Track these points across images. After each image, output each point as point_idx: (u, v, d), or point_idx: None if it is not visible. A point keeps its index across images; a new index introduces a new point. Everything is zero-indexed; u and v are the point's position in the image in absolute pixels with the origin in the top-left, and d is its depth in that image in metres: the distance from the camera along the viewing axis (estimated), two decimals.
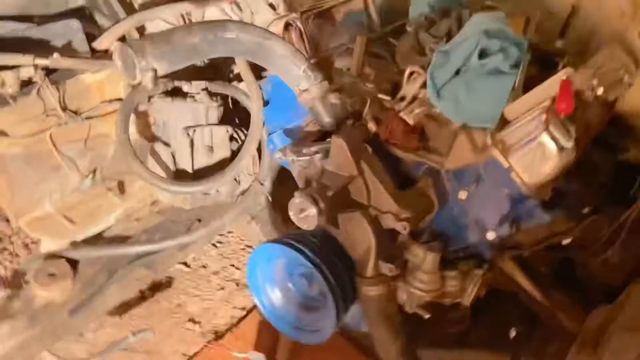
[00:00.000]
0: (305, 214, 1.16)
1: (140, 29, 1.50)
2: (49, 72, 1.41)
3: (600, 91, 1.22)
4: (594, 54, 1.43)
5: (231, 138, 1.56)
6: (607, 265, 1.49)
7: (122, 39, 1.34)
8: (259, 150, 1.56)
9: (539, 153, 1.15)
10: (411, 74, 1.30)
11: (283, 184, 1.69)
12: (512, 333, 1.44)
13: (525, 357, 1.36)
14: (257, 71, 1.53)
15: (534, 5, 1.64)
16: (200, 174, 1.48)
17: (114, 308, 2.33)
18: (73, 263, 1.44)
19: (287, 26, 1.37)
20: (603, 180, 1.44)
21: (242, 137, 1.55)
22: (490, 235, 1.26)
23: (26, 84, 1.34)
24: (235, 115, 1.60)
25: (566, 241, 1.27)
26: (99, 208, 1.52)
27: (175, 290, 2.46)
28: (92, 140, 1.48)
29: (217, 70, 1.70)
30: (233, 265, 2.51)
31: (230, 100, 1.62)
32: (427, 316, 1.33)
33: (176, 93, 1.51)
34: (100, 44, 1.34)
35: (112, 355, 2.06)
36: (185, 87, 1.46)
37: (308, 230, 1.33)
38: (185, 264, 2.59)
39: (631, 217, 1.40)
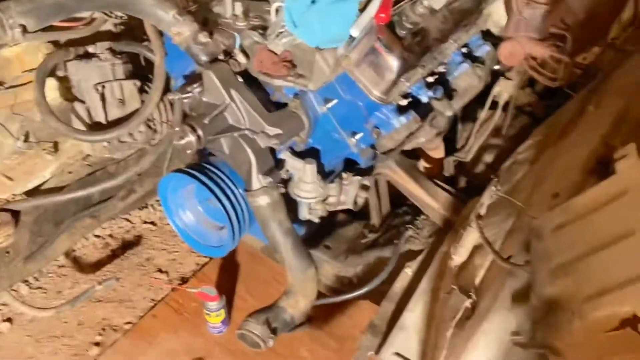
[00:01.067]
0: (185, 140, 1.35)
1: None
2: None
3: None
4: None
5: (142, 90, 1.75)
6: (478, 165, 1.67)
7: None
8: None
9: (377, 62, 1.32)
10: (277, 9, 1.46)
11: None
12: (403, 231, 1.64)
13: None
14: None
15: None
16: (116, 126, 1.67)
17: (88, 266, 2.57)
18: (15, 214, 1.66)
19: None
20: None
21: None
22: (354, 143, 1.44)
23: None
24: (148, 70, 1.78)
25: (421, 140, 1.44)
26: (35, 166, 1.73)
27: (144, 247, 2.69)
28: (18, 106, 1.68)
29: (132, 31, 1.88)
30: None
31: (142, 57, 1.81)
32: (316, 221, 1.53)
33: (87, 55, 1.70)
34: None
35: (85, 305, 2.31)
36: (91, 48, 1.65)
37: (206, 160, 1.53)
38: (152, 223, 2.81)
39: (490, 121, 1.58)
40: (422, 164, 1.87)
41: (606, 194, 0.93)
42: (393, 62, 1.31)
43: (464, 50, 1.68)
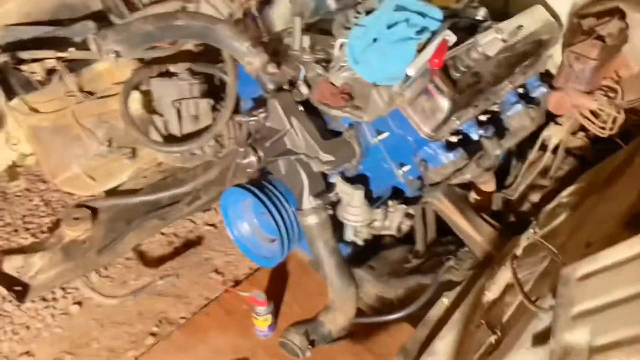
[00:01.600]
0: (247, 160, 1.49)
1: None
2: (70, 62, 1.83)
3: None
4: None
5: (214, 108, 1.91)
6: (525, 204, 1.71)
7: None
8: None
9: (429, 102, 1.40)
10: (341, 45, 1.58)
11: None
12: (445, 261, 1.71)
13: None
14: None
15: None
16: (188, 139, 1.85)
17: (152, 261, 2.77)
18: (94, 210, 1.86)
19: (245, 14, 1.69)
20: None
21: None
22: (402, 174, 1.53)
23: (51, 72, 1.77)
24: (221, 90, 1.95)
25: (467, 176, 1.51)
26: (114, 169, 1.93)
27: (204, 247, 2.85)
28: (106, 114, 1.89)
29: (211, 53, 2.06)
30: None
31: (217, 78, 1.98)
32: (360, 243, 1.63)
33: (168, 74, 1.88)
34: None
35: (146, 297, 2.50)
36: (172, 67, 1.84)
37: (265, 178, 1.67)
38: (214, 225, 2.99)
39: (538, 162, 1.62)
40: (473, 196, 1.92)
41: (630, 252, 0.98)
42: (443, 104, 1.39)
43: (521, 90, 1.73)
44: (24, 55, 1.73)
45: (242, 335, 2.33)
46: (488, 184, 1.87)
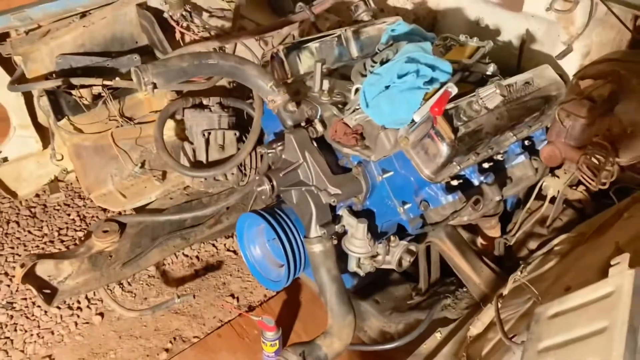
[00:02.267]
0: (261, 188, 1.62)
1: None
2: (114, 89, 2.03)
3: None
4: None
5: (240, 140, 2.07)
6: (523, 250, 1.78)
7: None
8: None
9: (430, 146, 1.52)
10: (356, 89, 1.72)
11: None
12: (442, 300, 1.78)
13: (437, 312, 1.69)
14: None
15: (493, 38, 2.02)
16: (214, 166, 2.01)
17: (173, 280, 2.91)
18: (122, 225, 2.02)
19: (272, 57, 1.86)
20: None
21: None
22: (403, 212, 1.63)
23: (97, 97, 1.97)
24: (248, 123, 2.11)
25: (465, 219, 1.60)
26: (145, 188, 2.10)
27: (223, 271, 2.99)
28: (141, 139, 2.07)
29: (242, 89, 2.23)
30: None
31: (245, 112, 2.15)
32: (362, 274, 1.72)
33: (201, 106, 2.06)
34: None
35: (163, 314, 2.63)
36: (205, 100, 2.01)
37: (279, 206, 1.80)
38: (234, 251, 3.13)
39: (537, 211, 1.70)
40: (479, 240, 2.00)
41: (596, 294, 1.06)
42: (443, 149, 1.50)
43: (527, 142, 1.83)
44: (75, 81, 1.94)
45: (251, 359, 2.42)
46: (493, 230, 1.95)
